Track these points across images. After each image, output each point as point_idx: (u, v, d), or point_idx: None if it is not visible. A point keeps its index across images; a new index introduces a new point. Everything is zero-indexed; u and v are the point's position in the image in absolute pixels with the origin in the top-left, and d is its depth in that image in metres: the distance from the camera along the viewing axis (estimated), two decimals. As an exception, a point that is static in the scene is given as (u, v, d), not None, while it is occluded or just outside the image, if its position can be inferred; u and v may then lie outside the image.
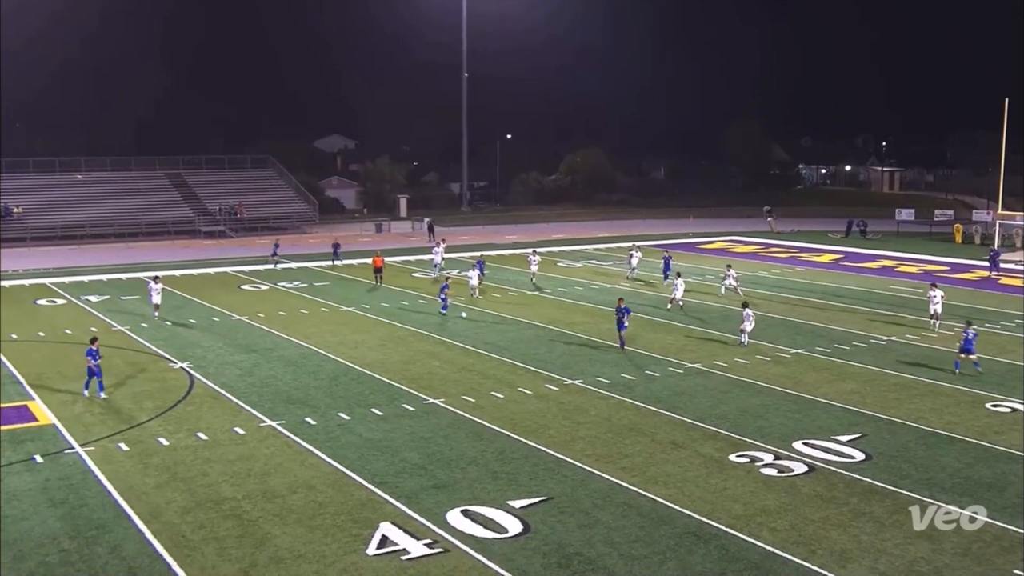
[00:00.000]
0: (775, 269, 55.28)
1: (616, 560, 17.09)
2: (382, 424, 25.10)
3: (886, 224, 79.93)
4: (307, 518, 18.91)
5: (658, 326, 37.33)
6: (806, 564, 16.93)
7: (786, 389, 28.53)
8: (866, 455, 22.61)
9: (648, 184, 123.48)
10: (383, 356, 32.92)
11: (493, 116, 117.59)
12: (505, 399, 27.48)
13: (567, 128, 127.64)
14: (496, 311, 41.39)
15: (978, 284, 50.26)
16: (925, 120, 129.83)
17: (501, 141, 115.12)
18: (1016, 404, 26.93)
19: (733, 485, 20.69)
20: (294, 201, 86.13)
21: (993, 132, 63.23)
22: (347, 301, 43.97)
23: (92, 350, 27.30)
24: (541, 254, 53.88)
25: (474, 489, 20.44)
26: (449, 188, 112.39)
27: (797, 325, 38.32)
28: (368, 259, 52.25)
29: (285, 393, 28.20)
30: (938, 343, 34.95)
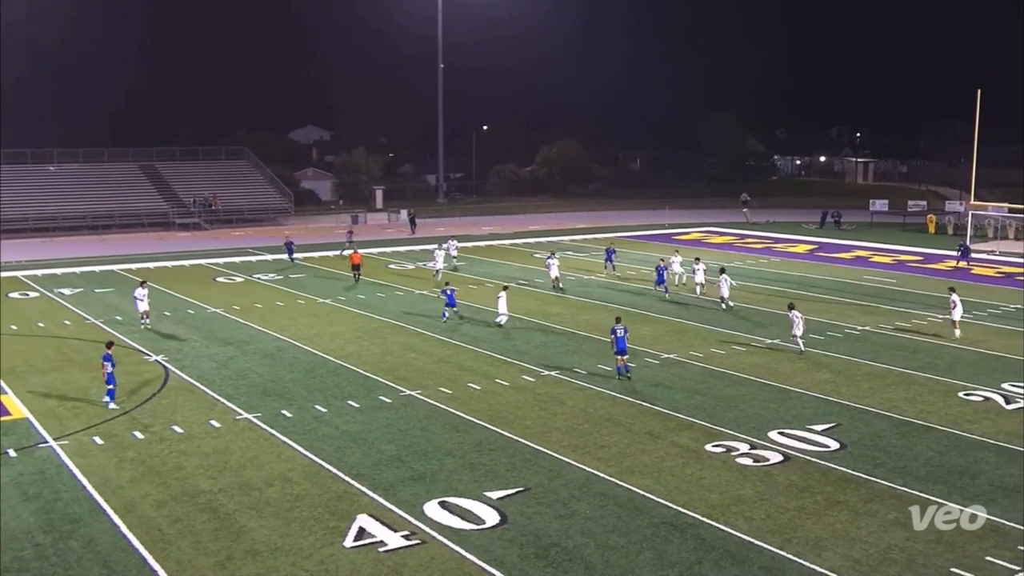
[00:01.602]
0: (751, 260, 55.54)
1: (593, 550, 17.15)
2: (359, 416, 25.06)
3: (860, 215, 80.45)
4: (284, 511, 18.87)
5: (635, 317, 37.42)
6: (781, 552, 17.05)
7: (762, 379, 28.69)
8: (840, 444, 22.79)
9: (624, 175, 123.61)
10: (360, 348, 32.85)
11: (469, 107, 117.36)
12: (482, 390, 27.49)
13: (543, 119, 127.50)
14: (473, 303, 41.35)
15: (951, 275, 50.67)
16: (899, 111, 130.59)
17: (477, 132, 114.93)
18: (988, 393, 27.19)
19: (709, 475, 20.79)
20: (269, 193, 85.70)
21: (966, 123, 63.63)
22: (323, 293, 43.82)
23: (108, 355, 26.01)
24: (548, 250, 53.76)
25: (451, 480, 20.45)
26: (425, 180, 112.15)
27: (773, 315, 38.51)
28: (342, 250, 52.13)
29: (261, 386, 28.10)
30: (913, 334, 35.24)
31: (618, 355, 28.41)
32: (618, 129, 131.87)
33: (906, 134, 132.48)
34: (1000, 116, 74.67)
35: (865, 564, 16.62)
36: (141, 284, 37.60)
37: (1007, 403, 26.24)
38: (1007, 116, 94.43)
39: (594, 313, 39.18)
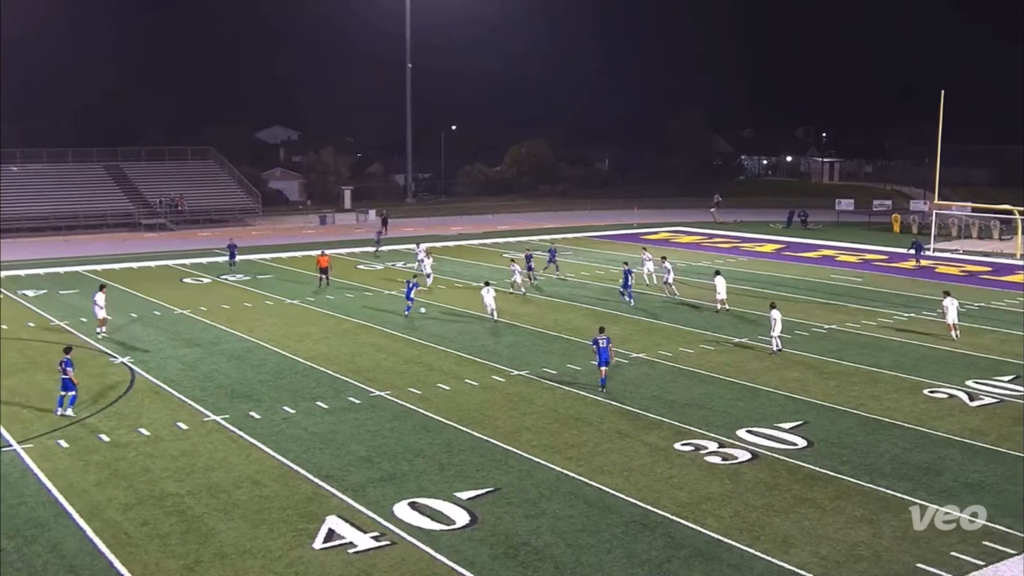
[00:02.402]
0: (719, 259, 55.82)
1: (563, 549, 17.18)
2: (328, 417, 24.95)
3: (826, 214, 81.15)
4: (252, 513, 18.75)
5: (604, 317, 37.52)
6: (750, 550, 17.16)
7: (730, 378, 28.85)
8: (808, 442, 22.96)
9: (592, 175, 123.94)
10: (328, 349, 32.71)
11: (437, 107, 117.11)
12: (452, 391, 27.46)
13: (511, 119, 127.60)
14: (442, 303, 41.32)
15: (916, 273, 51.23)
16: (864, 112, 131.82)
17: (446, 133, 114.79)
18: (953, 390, 27.51)
19: (678, 473, 20.89)
20: (236, 193, 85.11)
21: (930, 124, 64.31)
22: (291, 294, 43.59)
23: (66, 360, 25.36)
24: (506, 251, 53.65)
25: (421, 481, 20.41)
26: (394, 180, 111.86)
27: (740, 314, 38.74)
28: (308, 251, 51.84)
29: (229, 387, 27.91)
30: (879, 332, 35.58)
31: (602, 367, 27.28)
32: (586, 129, 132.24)
33: (871, 134, 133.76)
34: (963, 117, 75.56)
35: (832, 561, 16.76)
36: (100, 288, 36.40)
37: (971, 400, 26.55)
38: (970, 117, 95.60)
39: (563, 313, 39.24)
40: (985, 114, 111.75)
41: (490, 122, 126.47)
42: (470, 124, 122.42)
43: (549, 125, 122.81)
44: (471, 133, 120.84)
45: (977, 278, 49.48)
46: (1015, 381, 28.52)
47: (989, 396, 26.95)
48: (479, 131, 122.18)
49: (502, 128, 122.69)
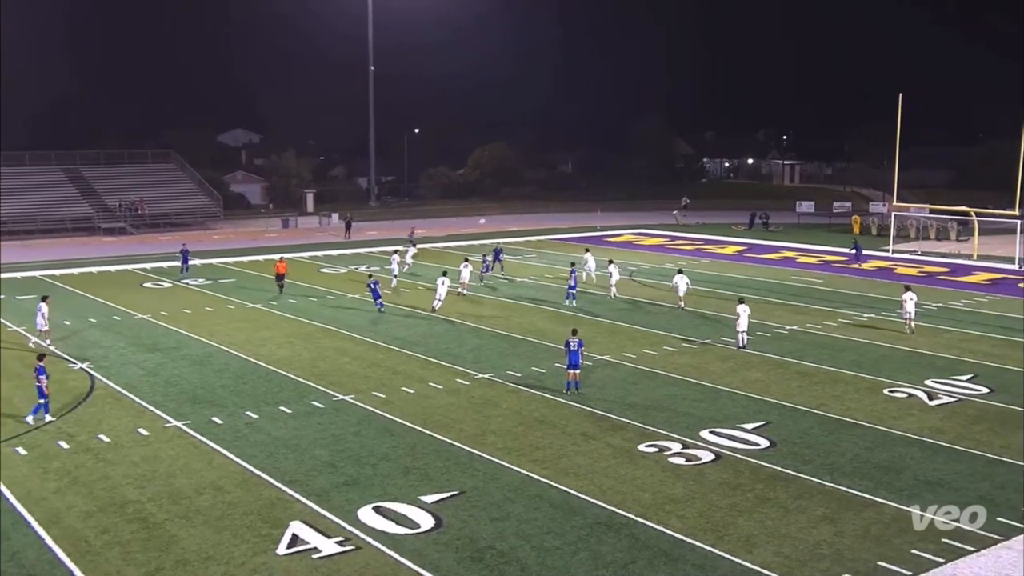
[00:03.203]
0: (681, 261, 56.08)
1: (528, 552, 17.19)
2: (291, 422, 24.79)
3: (787, 216, 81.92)
4: (215, 519, 18.59)
5: (567, 319, 37.60)
6: (713, 550, 17.26)
7: (693, 379, 29.02)
8: (770, 442, 23.14)
9: (556, 178, 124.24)
10: (291, 353, 32.51)
11: (400, 110, 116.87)
12: (416, 394, 27.39)
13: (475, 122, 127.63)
14: (406, 306, 41.21)
15: (875, 274, 51.80)
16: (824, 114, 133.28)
17: (409, 135, 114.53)
18: (912, 389, 27.84)
19: (642, 475, 20.97)
20: (197, 196, 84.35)
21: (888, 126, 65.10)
22: (253, 298, 43.29)
23: (39, 368, 24.90)
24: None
25: (385, 485, 20.34)
26: (357, 183, 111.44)
27: (703, 316, 38.99)
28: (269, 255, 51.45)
29: (191, 392, 27.65)
30: (839, 332, 35.93)
31: (570, 369, 27.30)
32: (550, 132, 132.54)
33: (831, 137, 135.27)
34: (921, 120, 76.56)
35: (795, 560, 16.90)
36: (43, 299, 34.69)
37: (930, 399, 26.90)
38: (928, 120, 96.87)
39: (527, 315, 39.29)
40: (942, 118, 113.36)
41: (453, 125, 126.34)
42: (433, 127, 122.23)
43: (512, 128, 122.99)
44: (434, 136, 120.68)
45: (935, 279, 50.12)
46: (973, 380, 28.93)
47: (948, 395, 27.32)
48: (442, 134, 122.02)
49: (465, 131, 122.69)
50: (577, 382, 27.36)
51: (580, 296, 42.86)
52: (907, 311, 35.69)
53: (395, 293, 44.18)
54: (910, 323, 35.78)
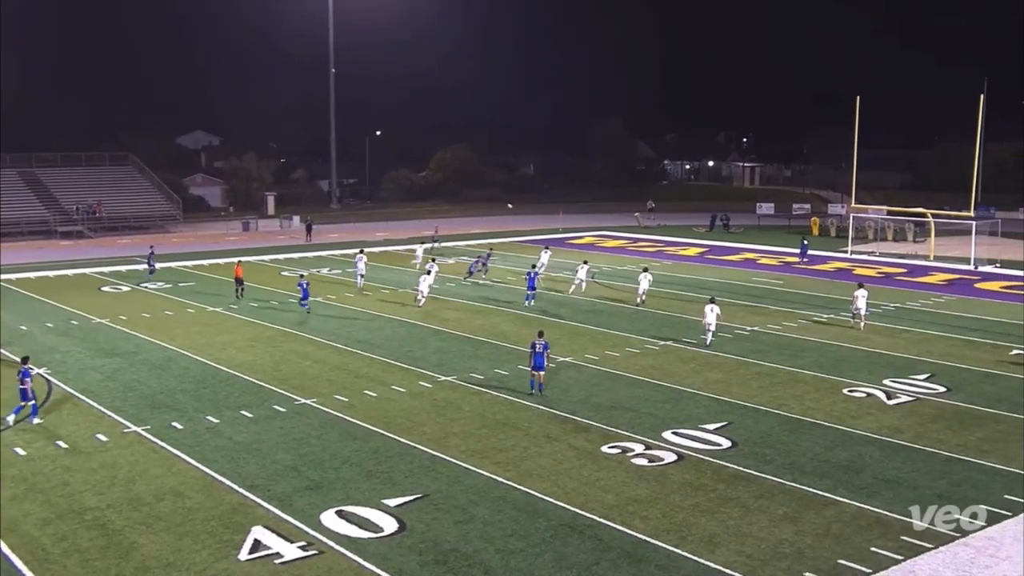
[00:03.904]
0: (643, 263, 56.33)
1: (492, 554, 17.18)
2: (252, 426, 24.61)
3: (748, 218, 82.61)
4: (175, 525, 18.40)
5: (530, 320, 37.66)
6: (676, 550, 17.35)
7: (655, 380, 29.16)
8: (732, 442, 23.31)
9: (518, 180, 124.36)
10: (252, 357, 32.27)
11: (361, 112, 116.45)
12: (379, 397, 27.29)
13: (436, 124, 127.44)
14: (368, 309, 41.06)
15: (834, 275, 52.34)
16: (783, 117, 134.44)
17: (370, 138, 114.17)
18: (871, 389, 28.16)
19: (605, 476, 21.04)
20: (156, 199, 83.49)
21: (846, 129, 65.86)
22: (214, 302, 42.90)
23: (24, 370, 24.86)
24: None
25: (348, 489, 20.24)
26: (318, 185, 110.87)
27: (665, 317, 39.20)
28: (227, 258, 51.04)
29: (150, 397, 27.36)
30: (798, 333, 36.27)
31: (534, 370, 27.34)
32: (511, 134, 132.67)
33: (790, 139, 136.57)
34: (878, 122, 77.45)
35: (757, 559, 17.04)
36: None
37: (888, 399, 27.23)
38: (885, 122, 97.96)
39: (489, 317, 39.28)
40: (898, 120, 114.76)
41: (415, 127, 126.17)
42: (395, 129, 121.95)
43: (474, 130, 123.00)
44: (396, 138, 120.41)
45: (893, 279, 50.76)
46: (930, 379, 29.32)
47: (906, 394, 27.67)
48: (404, 136, 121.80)
49: (427, 133, 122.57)
50: (541, 384, 27.44)
51: (542, 297, 42.95)
52: (858, 307, 36.77)
53: (359, 295, 44.00)
54: (861, 320, 36.70)
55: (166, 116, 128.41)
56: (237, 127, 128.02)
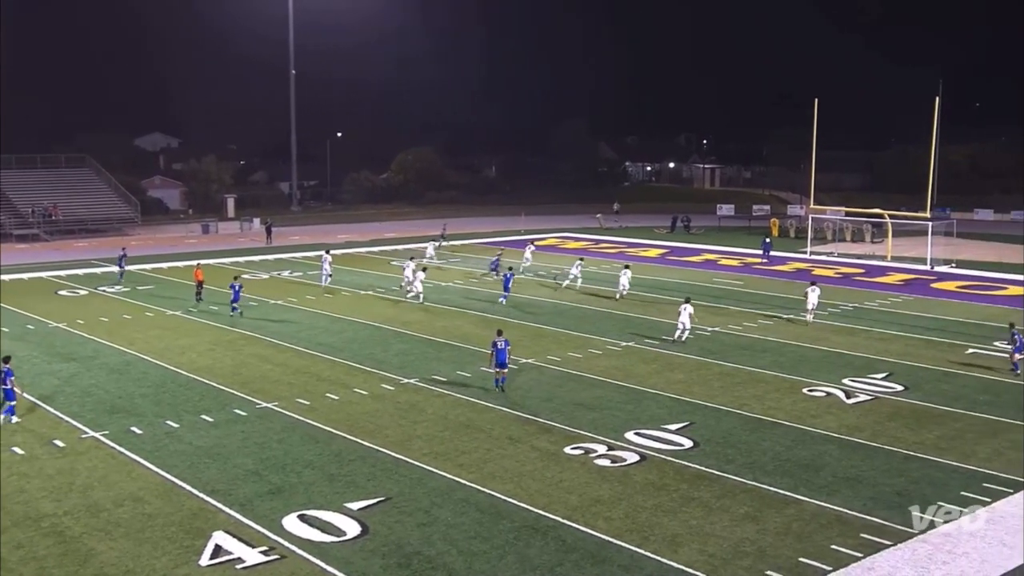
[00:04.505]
0: (605, 264, 56.59)
1: (455, 557, 17.15)
2: (213, 431, 24.39)
3: (708, 219, 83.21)
4: (135, 531, 18.19)
5: (492, 322, 37.64)
6: (639, 551, 17.42)
7: (617, 381, 29.26)
8: (694, 442, 23.44)
9: (480, 182, 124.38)
10: (212, 361, 31.99)
11: (322, 114, 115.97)
12: (341, 400, 27.16)
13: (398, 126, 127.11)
14: (330, 311, 40.86)
15: (793, 275, 52.80)
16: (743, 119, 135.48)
17: (331, 139, 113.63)
18: (830, 388, 28.45)
19: (569, 477, 21.07)
20: (114, 202, 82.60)
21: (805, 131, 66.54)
22: (173, 305, 42.49)
23: (9, 370, 24.85)
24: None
25: (310, 493, 20.12)
26: (279, 187, 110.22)
27: (627, 318, 39.36)
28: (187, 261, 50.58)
29: (109, 402, 27.04)
30: (759, 333, 36.56)
31: (497, 368, 27.78)
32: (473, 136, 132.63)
33: (750, 141, 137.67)
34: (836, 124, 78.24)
35: (719, 558, 17.14)
36: None
37: (847, 398, 27.51)
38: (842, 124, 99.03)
39: (452, 319, 39.23)
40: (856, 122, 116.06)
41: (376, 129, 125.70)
42: (356, 131, 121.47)
43: (436, 132, 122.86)
44: (357, 140, 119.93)
45: (851, 279, 51.31)
46: (888, 378, 29.67)
47: (864, 393, 27.97)
48: (365, 138, 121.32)
49: (389, 135, 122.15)
50: (503, 379, 27.87)
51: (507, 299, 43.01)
52: (810, 302, 38.21)
53: (319, 297, 43.79)
54: (810, 314, 38.17)
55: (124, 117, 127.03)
56: (196, 129, 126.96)
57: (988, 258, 61.23)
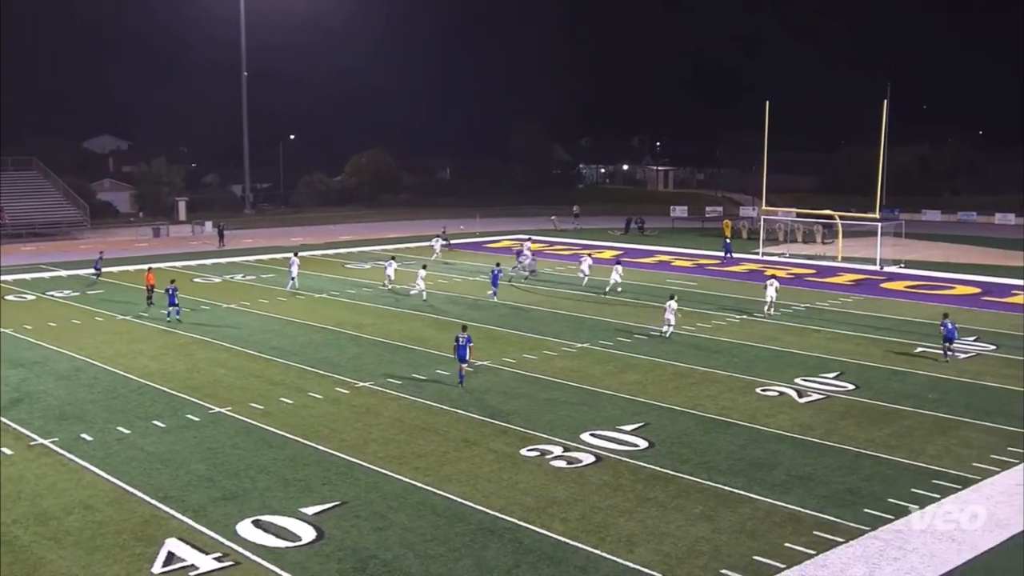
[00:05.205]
0: (560, 266, 56.72)
1: (412, 560, 17.10)
2: (165, 436, 24.10)
3: (662, 220, 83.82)
4: (85, 539, 17.93)
5: (446, 325, 37.59)
6: (596, 551, 17.48)
7: (573, 383, 29.34)
8: (649, 443, 23.57)
9: (434, 184, 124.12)
10: (164, 366, 31.61)
11: (275, 116, 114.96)
12: (295, 405, 26.97)
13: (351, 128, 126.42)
14: (283, 315, 40.56)
15: (746, 276, 53.31)
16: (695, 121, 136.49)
17: (284, 142, 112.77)
18: (783, 388, 28.75)
19: (525, 479, 21.10)
20: (63, 205, 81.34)
21: (756, 133, 67.16)
22: (123, 310, 41.93)
23: None
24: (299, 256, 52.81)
25: (265, 498, 19.95)
26: (231, 190, 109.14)
27: (581, 320, 39.49)
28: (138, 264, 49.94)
29: (57, 409, 26.61)
30: (712, 333, 36.85)
31: (460, 362, 28.74)
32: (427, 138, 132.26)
33: (702, 143, 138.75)
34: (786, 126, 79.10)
35: (674, 557, 17.25)
36: None
37: (800, 397, 27.82)
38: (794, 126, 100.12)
39: (406, 322, 39.12)
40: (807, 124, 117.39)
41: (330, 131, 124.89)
42: (309, 133, 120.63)
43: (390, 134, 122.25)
44: (311, 142, 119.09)
45: (803, 280, 51.88)
46: (839, 377, 30.05)
47: (816, 392, 28.30)
48: (319, 140, 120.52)
49: (342, 137, 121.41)
50: (464, 374, 28.67)
51: (460, 302, 43.03)
52: (768, 295, 40.10)
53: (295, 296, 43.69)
54: (769, 307, 39.98)
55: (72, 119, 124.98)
56: (146, 131, 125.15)
57: (936, 258, 62.27)
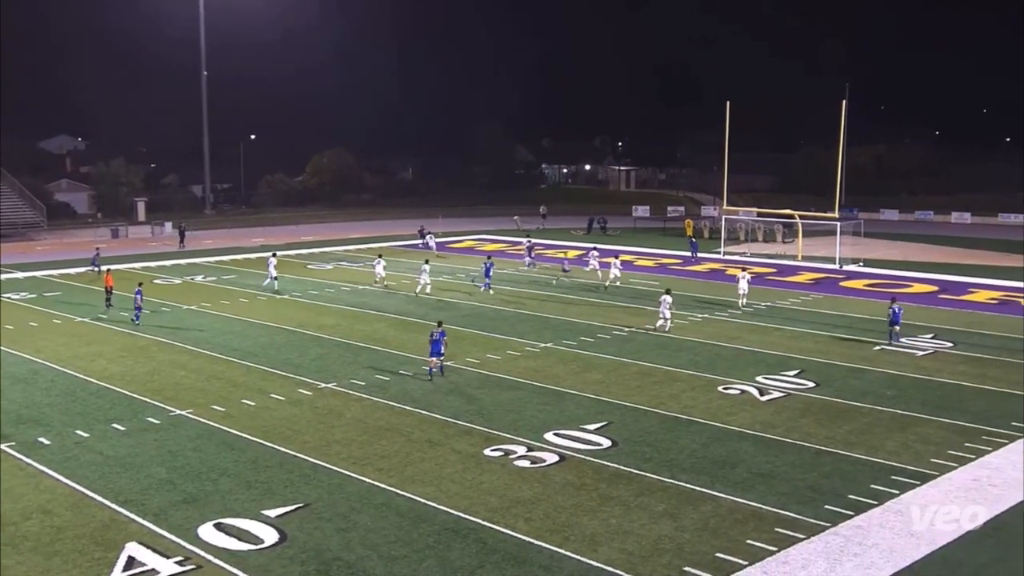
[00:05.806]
0: (522, 266, 56.76)
1: (375, 562, 17.04)
2: (125, 440, 23.84)
3: (624, 220, 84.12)
4: (44, 545, 17.69)
5: (410, 325, 37.51)
6: (560, 551, 17.51)
7: (536, 382, 29.38)
8: (612, 442, 23.66)
9: (396, 184, 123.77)
10: (124, 368, 31.26)
11: (235, 116, 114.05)
12: (257, 406, 26.78)
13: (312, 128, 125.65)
14: (245, 316, 40.26)
15: (708, 275, 53.66)
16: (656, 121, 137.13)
17: (245, 142, 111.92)
18: (744, 386, 28.96)
19: (489, 479, 21.10)
20: (18, 206, 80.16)
21: (717, 133, 67.59)
22: (81, 312, 41.42)
23: None
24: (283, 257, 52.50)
25: (227, 501, 19.80)
26: (191, 190, 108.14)
27: (545, 320, 39.55)
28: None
29: (14, 412, 26.22)
30: (675, 332, 37.05)
31: (432, 357, 29.52)
32: (388, 138, 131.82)
33: (663, 143, 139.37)
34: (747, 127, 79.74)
35: (638, 556, 17.32)
36: None
37: (761, 395, 28.05)
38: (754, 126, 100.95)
39: (369, 323, 38.98)
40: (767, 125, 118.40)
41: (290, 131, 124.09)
42: (270, 133, 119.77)
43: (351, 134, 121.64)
44: (272, 142, 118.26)
45: (764, 279, 52.25)
46: (800, 375, 30.33)
47: (777, 390, 28.54)
48: (280, 140, 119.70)
49: (303, 137, 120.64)
50: (435, 368, 29.67)
51: (425, 303, 42.97)
52: (741, 288, 41.93)
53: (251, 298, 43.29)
54: (742, 299, 41.94)
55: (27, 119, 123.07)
56: (104, 131, 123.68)
57: (894, 257, 63.07)
